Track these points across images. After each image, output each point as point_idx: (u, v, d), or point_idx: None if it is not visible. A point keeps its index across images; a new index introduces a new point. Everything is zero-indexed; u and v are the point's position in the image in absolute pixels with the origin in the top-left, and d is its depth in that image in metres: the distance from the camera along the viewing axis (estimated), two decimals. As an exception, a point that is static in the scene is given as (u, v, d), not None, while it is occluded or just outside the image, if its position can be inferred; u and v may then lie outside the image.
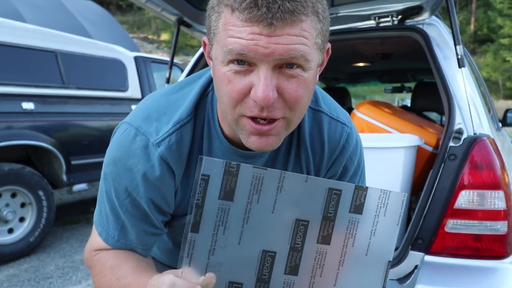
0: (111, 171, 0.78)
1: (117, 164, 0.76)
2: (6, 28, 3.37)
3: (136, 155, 0.75)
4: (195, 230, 0.59)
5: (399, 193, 0.65)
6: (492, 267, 1.38)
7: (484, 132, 1.52)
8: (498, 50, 24.85)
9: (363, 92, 16.09)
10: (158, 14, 2.14)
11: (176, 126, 0.76)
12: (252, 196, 0.60)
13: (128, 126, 0.78)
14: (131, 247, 0.82)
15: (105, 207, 0.81)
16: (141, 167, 0.75)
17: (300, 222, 0.62)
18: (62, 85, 3.67)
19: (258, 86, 0.62)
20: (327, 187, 0.62)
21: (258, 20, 0.59)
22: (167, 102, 0.80)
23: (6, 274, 3.01)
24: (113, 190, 0.78)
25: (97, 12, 7.22)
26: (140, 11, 26.78)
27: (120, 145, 0.77)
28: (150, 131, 0.76)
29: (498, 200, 1.37)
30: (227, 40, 0.62)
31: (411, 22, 1.80)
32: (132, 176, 0.76)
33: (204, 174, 0.58)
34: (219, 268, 0.61)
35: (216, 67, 0.68)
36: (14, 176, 3.22)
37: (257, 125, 0.66)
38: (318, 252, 0.64)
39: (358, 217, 0.64)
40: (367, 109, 2.11)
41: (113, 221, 0.80)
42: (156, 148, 0.75)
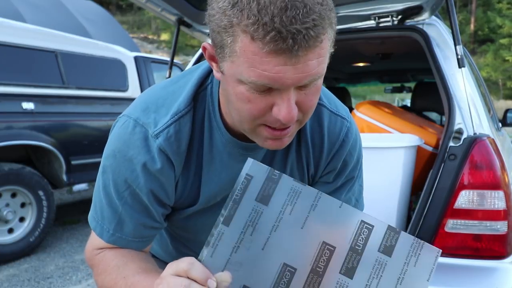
0: (110, 163, 0.77)
1: (117, 155, 0.76)
2: (6, 28, 3.37)
3: (136, 146, 0.75)
4: (226, 224, 0.60)
5: (433, 247, 0.62)
6: (492, 267, 1.38)
7: (484, 132, 1.52)
8: (498, 50, 24.85)
9: (363, 92, 16.09)
10: (158, 14, 2.14)
11: (174, 118, 0.76)
12: (286, 206, 0.62)
13: (126, 119, 0.77)
14: (126, 241, 0.81)
15: (100, 201, 0.80)
16: (141, 158, 0.75)
17: (326, 246, 0.62)
18: (62, 85, 3.67)
19: (282, 106, 0.62)
20: (360, 219, 0.62)
21: (283, 52, 0.57)
22: (165, 94, 0.80)
23: (6, 274, 3.01)
24: (112, 183, 0.77)
25: (97, 12, 7.23)
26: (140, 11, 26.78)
27: (119, 137, 0.77)
28: (149, 123, 0.76)
29: (498, 200, 1.37)
30: (249, 70, 0.60)
31: (411, 22, 1.80)
32: (132, 167, 0.75)
33: (248, 174, 0.61)
34: (238, 268, 0.61)
35: (229, 82, 0.65)
36: (14, 176, 3.22)
37: (275, 131, 0.67)
38: (338, 283, 0.62)
39: (386, 258, 0.62)
40: (367, 109, 2.11)
41: (110, 215, 0.79)
42: (154, 139, 0.75)
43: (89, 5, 7.38)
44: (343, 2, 1.83)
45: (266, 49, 0.57)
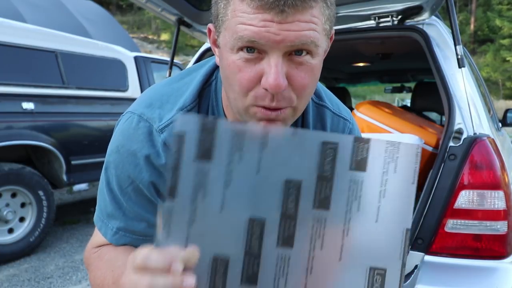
0: (114, 159, 0.77)
1: (120, 151, 0.76)
2: (6, 28, 3.37)
3: (140, 140, 0.75)
4: (172, 195, 0.52)
5: (411, 144, 0.54)
6: (492, 267, 1.38)
7: (484, 132, 1.52)
8: (498, 50, 24.86)
9: (363, 92, 16.10)
10: (158, 14, 2.14)
11: (179, 113, 0.76)
12: (233, 154, 0.53)
13: (131, 114, 0.78)
14: (130, 239, 0.80)
15: (104, 199, 0.80)
16: (145, 152, 0.74)
17: (291, 184, 0.53)
18: (62, 85, 3.67)
19: (269, 73, 0.62)
20: (321, 141, 0.53)
21: (269, 7, 0.59)
22: (169, 90, 0.80)
23: (6, 274, 3.01)
24: (115, 179, 0.77)
25: (97, 12, 7.23)
26: (140, 11, 26.78)
27: (123, 132, 0.77)
28: (153, 118, 0.76)
29: (498, 200, 1.37)
30: (237, 27, 0.61)
31: (411, 22, 1.80)
32: (136, 161, 0.75)
33: (179, 132, 0.52)
34: (201, 240, 0.53)
35: (224, 55, 0.66)
36: (14, 176, 3.22)
37: (267, 111, 0.66)
38: (315, 219, 0.54)
39: (361, 174, 0.53)
40: (367, 109, 2.11)
41: (114, 212, 0.79)
42: (159, 134, 0.75)
43: (89, 5, 7.39)
44: (343, 2, 1.83)
45: (253, 5, 0.60)
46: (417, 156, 0.53)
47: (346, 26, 1.98)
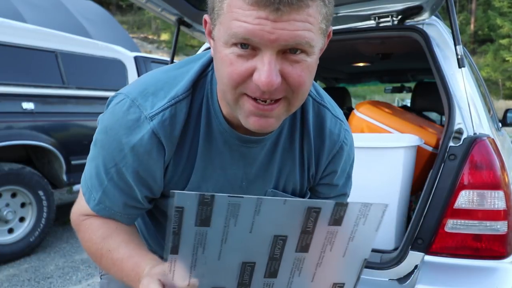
0: (101, 138, 0.78)
1: (108, 133, 0.76)
2: (6, 28, 3.37)
3: (127, 126, 0.75)
4: (175, 252, 0.61)
5: (380, 204, 0.65)
6: (492, 267, 1.38)
7: (484, 132, 1.52)
8: (498, 50, 24.85)
9: (363, 92, 16.10)
10: (158, 14, 2.14)
11: (171, 102, 0.76)
12: (229, 220, 0.61)
13: (124, 97, 0.77)
14: (110, 213, 0.82)
15: (90, 171, 0.81)
16: (131, 139, 0.74)
17: (278, 238, 0.64)
18: (62, 85, 3.67)
19: (261, 70, 0.62)
20: (306, 207, 0.63)
21: (265, 5, 0.58)
22: (166, 78, 0.80)
23: (6, 274, 3.01)
24: (101, 157, 0.78)
25: (97, 12, 7.23)
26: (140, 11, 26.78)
27: (113, 114, 0.77)
28: (145, 105, 0.75)
29: (498, 200, 1.37)
30: (232, 23, 0.61)
31: (411, 22, 1.80)
32: (120, 147, 0.75)
33: (178, 207, 0.58)
34: (202, 278, 0.64)
35: (218, 48, 0.67)
36: (14, 176, 3.22)
37: (259, 105, 0.66)
38: (296, 259, 0.67)
39: (337, 228, 0.65)
40: (367, 109, 2.11)
41: (96, 186, 0.80)
42: (148, 121, 0.74)
43: (89, 5, 7.39)
44: (343, 2, 1.83)
45: (248, 1, 0.59)
46: (383, 212, 0.65)
47: (346, 26, 1.98)
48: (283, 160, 0.86)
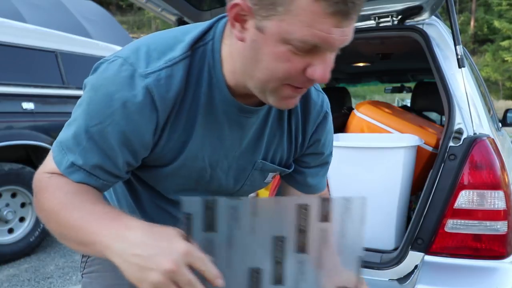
0: (88, 96, 0.73)
1: (97, 90, 0.72)
2: (6, 28, 3.37)
3: (119, 82, 0.71)
4: None
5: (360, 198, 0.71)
6: (492, 267, 1.38)
7: (484, 132, 1.52)
8: (497, 50, 24.85)
9: (363, 92, 16.09)
10: (158, 14, 2.14)
11: (167, 63, 0.73)
12: (231, 224, 0.67)
13: (115, 58, 0.74)
14: (82, 176, 0.75)
15: (67, 133, 0.76)
16: (123, 94, 0.70)
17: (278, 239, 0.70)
18: (62, 85, 3.67)
19: (318, 67, 0.65)
20: (295, 204, 0.69)
21: (341, 15, 0.59)
22: (158, 40, 0.77)
23: (6, 274, 3.01)
24: (83, 115, 0.73)
25: (97, 12, 7.23)
26: (140, 11, 26.77)
27: (103, 72, 0.73)
28: (139, 63, 0.72)
29: (498, 200, 1.37)
30: (305, 29, 0.60)
31: (411, 22, 1.80)
32: (110, 103, 0.71)
33: (186, 213, 0.63)
34: None
35: (270, 43, 0.64)
36: (14, 176, 3.22)
37: (297, 90, 0.70)
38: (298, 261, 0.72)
39: (327, 225, 0.71)
40: (367, 109, 2.11)
41: (72, 147, 0.74)
42: (143, 78, 0.71)
43: (89, 5, 7.39)
44: (343, 2, 1.83)
45: (329, 10, 0.59)
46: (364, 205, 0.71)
47: (346, 26, 1.98)
48: (273, 131, 0.88)
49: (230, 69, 0.76)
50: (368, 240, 1.73)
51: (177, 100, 0.75)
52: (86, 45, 4.10)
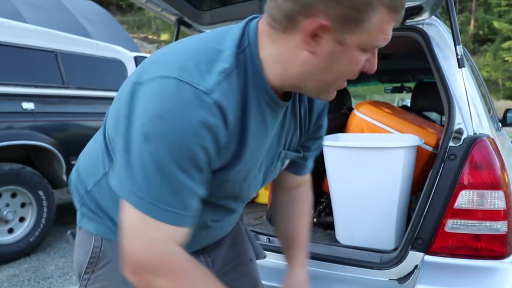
0: (156, 127, 0.65)
1: (165, 117, 0.65)
2: (6, 28, 3.37)
3: (187, 104, 0.66)
4: None
5: None
6: (492, 267, 1.38)
7: (484, 132, 1.52)
8: (497, 50, 24.84)
9: (363, 92, 16.09)
10: (158, 14, 2.14)
11: (223, 75, 0.72)
12: None
13: (160, 79, 0.68)
14: (190, 219, 0.71)
15: (150, 177, 0.67)
16: (199, 116, 0.66)
17: None
18: (62, 85, 3.67)
19: (373, 61, 0.78)
20: None
21: (397, 20, 0.74)
22: (197, 52, 0.74)
23: (6, 274, 3.01)
24: (166, 150, 0.66)
25: (97, 12, 7.23)
26: (140, 11, 26.78)
27: (160, 98, 0.67)
28: (195, 80, 0.68)
29: (498, 200, 1.37)
30: (380, 36, 0.73)
31: (411, 22, 1.80)
32: (189, 127, 0.66)
33: None
34: None
35: (345, 51, 0.73)
36: (14, 176, 3.22)
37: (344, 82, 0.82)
38: None
39: None
40: (367, 109, 2.11)
41: (168, 190, 0.68)
42: (208, 95, 0.68)
43: (89, 5, 7.39)
44: (343, 2, 1.83)
45: (394, 17, 0.72)
46: None
47: (346, 26, 1.97)
48: (290, 121, 0.93)
49: (277, 73, 0.78)
50: (368, 240, 1.73)
51: (238, 109, 0.75)
52: (86, 45, 4.10)
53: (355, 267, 1.54)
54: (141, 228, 0.69)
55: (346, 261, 1.56)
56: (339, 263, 1.57)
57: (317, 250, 1.64)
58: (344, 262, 1.56)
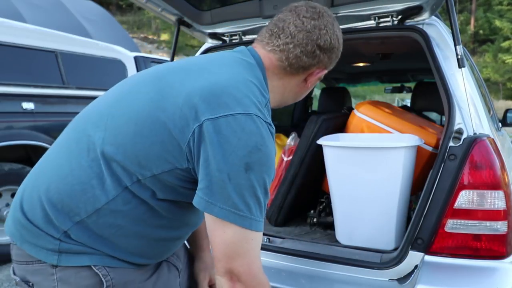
0: (257, 158, 0.84)
1: (261, 149, 0.84)
2: (6, 28, 3.37)
3: (268, 137, 0.87)
4: None
5: None
6: (492, 267, 1.38)
7: (484, 132, 1.52)
8: (498, 51, 24.83)
9: (363, 92, 16.09)
10: (158, 14, 2.14)
11: (266, 107, 0.96)
12: None
13: (246, 114, 0.85)
14: None
15: (247, 201, 0.84)
16: (274, 146, 0.89)
17: None
18: (62, 85, 3.67)
19: None
20: None
21: None
22: (248, 89, 0.92)
23: (6, 274, 3.01)
24: (260, 176, 0.84)
25: (97, 12, 7.23)
26: (140, 11, 26.77)
27: (252, 133, 0.84)
28: (260, 115, 0.88)
29: (498, 200, 1.37)
30: None
31: (411, 22, 1.80)
32: (272, 156, 0.87)
33: None
34: None
35: (317, 80, 1.11)
36: (14, 176, 3.22)
37: None
38: None
39: None
40: (367, 109, 2.11)
41: (259, 209, 0.87)
42: (270, 128, 0.90)
43: (89, 5, 7.39)
44: (343, 2, 1.83)
45: None
46: None
47: (346, 26, 1.98)
48: None
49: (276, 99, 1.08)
50: (368, 240, 1.73)
51: None
52: (86, 45, 4.09)
53: (355, 267, 1.54)
54: (249, 252, 0.87)
55: (346, 261, 1.56)
56: (339, 263, 1.57)
57: (317, 250, 1.64)
58: (344, 262, 1.56)
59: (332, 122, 2.17)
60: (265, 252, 1.69)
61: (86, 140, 0.91)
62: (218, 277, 0.88)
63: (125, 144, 0.87)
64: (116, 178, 0.87)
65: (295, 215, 2.20)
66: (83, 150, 0.90)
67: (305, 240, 1.76)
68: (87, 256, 0.89)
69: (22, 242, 0.91)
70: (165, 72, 0.95)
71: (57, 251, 0.88)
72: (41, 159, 1.01)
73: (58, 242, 0.88)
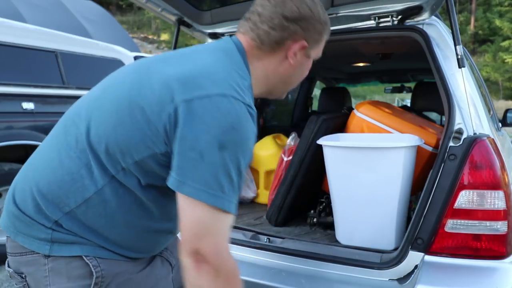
0: (231, 137, 0.83)
1: (237, 128, 0.83)
2: (6, 28, 3.37)
3: (245, 118, 0.86)
4: None
5: None
6: (492, 267, 1.38)
7: (484, 132, 1.52)
8: (498, 51, 24.83)
9: (363, 92, 16.10)
10: (158, 14, 2.14)
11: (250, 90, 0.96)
12: None
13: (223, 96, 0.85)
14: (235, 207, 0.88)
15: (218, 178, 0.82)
16: (253, 128, 0.88)
17: None
18: (62, 85, 3.67)
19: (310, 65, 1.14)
20: None
21: None
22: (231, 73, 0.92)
23: (6, 274, 3.01)
24: (234, 155, 0.83)
25: (97, 12, 7.24)
26: (140, 11, 26.78)
27: (229, 112, 0.84)
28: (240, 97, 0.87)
29: (498, 200, 1.37)
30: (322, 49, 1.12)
31: (411, 22, 1.80)
32: (250, 136, 0.86)
33: None
34: None
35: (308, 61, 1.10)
36: (14, 176, 3.21)
37: None
38: None
39: None
40: (367, 109, 2.11)
41: (232, 188, 0.85)
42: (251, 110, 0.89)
43: (89, 5, 7.39)
44: (343, 2, 1.83)
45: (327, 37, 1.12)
46: None
47: (346, 26, 1.98)
48: None
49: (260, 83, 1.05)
50: (368, 240, 1.73)
51: None
52: (86, 45, 4.10)
53: (355, 267, 1.54)
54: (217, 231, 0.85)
55: (346, 261, 1.56)
56: (339, 263, 1.57)
57: (317, 250, 1.64)
58: (344, 262, 1.56)
59: (332, 122, 2.17)
60: (265, 252, 1.69)
61: (75, 132, 0.93)
62: (183, 259, 0.85)
63: (108, 133, 0.89)
64: (102, 168, 0.89)
65: (295, 215, 2.20)
66: (72, 142, 0.92)
67: (305, 240, 1.76)
68: (78, 246, 0.91)
69: (16, 234, 0.94)
70: (148, 63, 0.98)
71: (49, 241, 0.90)
72: (33, 154, 1.04)
73: (50, 231, 0.90)
